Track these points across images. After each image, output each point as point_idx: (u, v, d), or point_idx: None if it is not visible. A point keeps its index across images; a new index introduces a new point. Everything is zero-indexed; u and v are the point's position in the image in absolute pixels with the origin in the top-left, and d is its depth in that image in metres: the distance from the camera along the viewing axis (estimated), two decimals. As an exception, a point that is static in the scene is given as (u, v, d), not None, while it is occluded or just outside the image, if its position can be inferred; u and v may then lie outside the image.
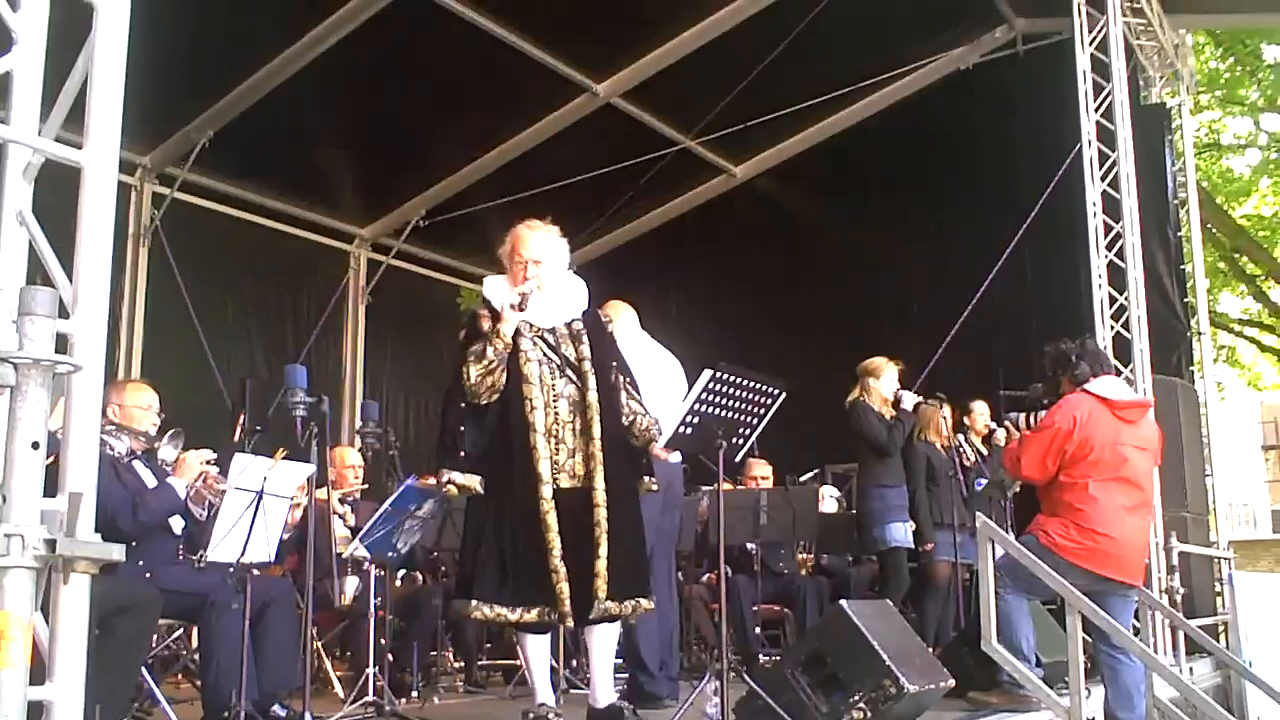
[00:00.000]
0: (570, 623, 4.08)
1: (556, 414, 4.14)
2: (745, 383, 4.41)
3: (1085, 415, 4.86)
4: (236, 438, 6.45)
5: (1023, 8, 9.44)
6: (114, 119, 2.21)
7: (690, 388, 4.47)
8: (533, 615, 4.00)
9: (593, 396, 4.16)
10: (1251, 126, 15.42)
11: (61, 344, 2.07)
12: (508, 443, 4.08)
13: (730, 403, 4.40)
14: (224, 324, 8.78)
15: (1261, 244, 14.32)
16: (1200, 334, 9.34)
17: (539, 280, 4.19)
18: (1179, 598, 7.00)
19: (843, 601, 4.26)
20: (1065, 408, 4.93)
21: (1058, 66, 8.54)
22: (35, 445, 1.99)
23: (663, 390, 4.80)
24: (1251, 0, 9.42)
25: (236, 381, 8.44)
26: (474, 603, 3.99)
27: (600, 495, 4.08)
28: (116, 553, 2.09)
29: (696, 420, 4.36)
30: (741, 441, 4.56)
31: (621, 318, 5.16)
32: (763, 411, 4.54)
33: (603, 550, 4.02)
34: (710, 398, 4.33)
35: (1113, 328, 7.58)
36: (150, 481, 4.43)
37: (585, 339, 4.26)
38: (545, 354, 4.19)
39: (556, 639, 5.34)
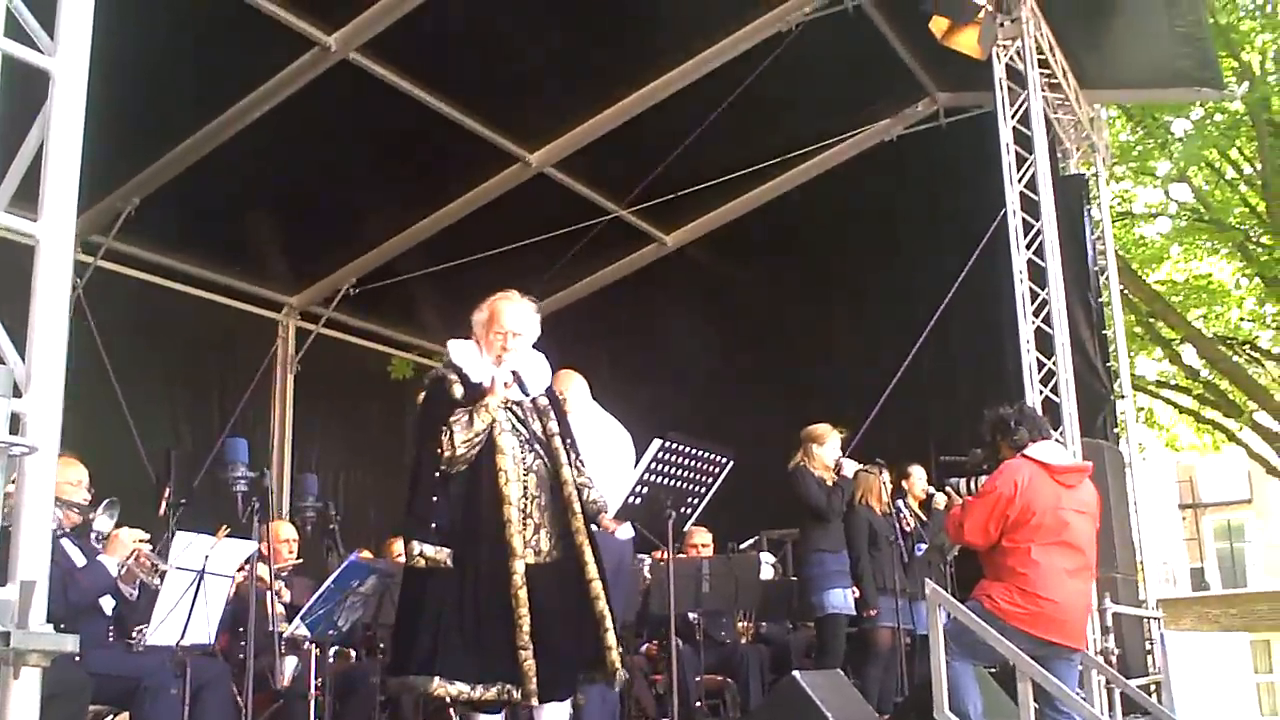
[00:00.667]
0: (535, 702, 3.99)
1: (525, 488, 4.09)
2: (694, 452, 4.40)
3: (1026, 480, 4.92)
4: (161, 511, 6.28)
5: (945, 83, 9.69)
6: (70, 190, 2.15)
7: (639, 458, 4.45)
8: (491, 694, 3.91)
9: (567, 473, 4.15)
10: (1162, 196, 15.99)
11: (14, 424, 1.98)
12: (476, 515, 4.02)
13: (679, 472, 4.39)
14: (148, 394, 8.53)
15: (1176, 309, 14.76)
16: (1123, 396, 9.55)
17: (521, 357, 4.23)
18: (1114, 658, 7.06)
19: (795, 673, 4.23)
20: (1006, 473, 4.99)
21: (980, 138, 8.76)
22: (-12, 530, 1.90)
23: (613, 461, 4.78)
24: (1161, 76, 9.75)
25: (160, 453, 8.23)
26: (436, 680, 3.88)
27: (592, 569, 4.05)
28: (70, 644, 2.00)
29: (645, 490, 4.34)
30: (690, 511, 4.54)
31: (573, 387, 5.15)
32: (711, 481, 4.54)
33: (609, 623, 3.98)
34: (659, 467, 4.32)
35: (1041, 392, 7.70)
36: (79, 560, 4.28)
37: (550, 414, 4.25)
38: (515, 426, 4.16)
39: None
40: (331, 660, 5.61)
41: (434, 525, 4.00)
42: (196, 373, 9.18)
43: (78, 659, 3.99)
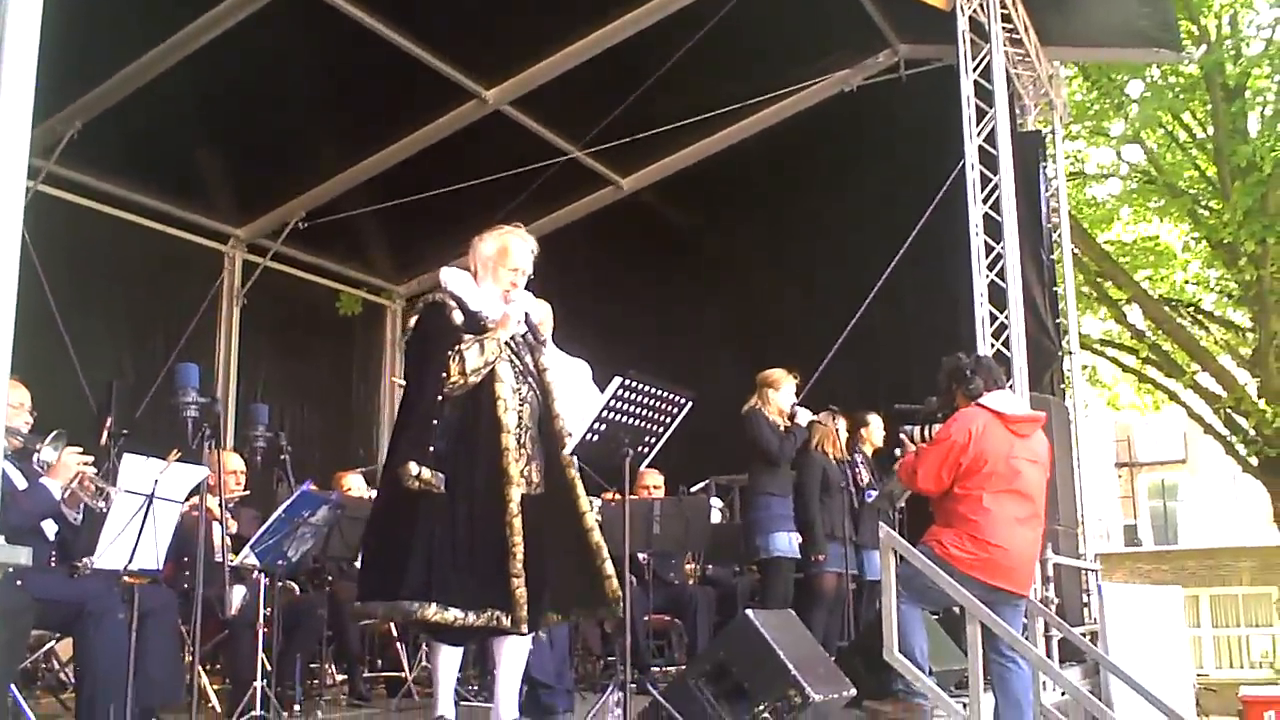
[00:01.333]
0: (524, 629, 3.98)
1: (520, 418, 4.11)
2: (654, 391, 4.37)
3: (980, 428, 4.95)
4: (102, 441, 6.16)
5: (906, 34, 9.64)
6: (28, 76, 2.03)
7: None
8: (481, 620, 3.89)
9: (558, 406, 4.14)
10: (1114, 157, 16.14)
11: None
12: (474, 441, 4.01)
13: (638, 410, 4.36)
14: (89, 324, 8.34)
15: (1124, 269, 14.95)
16: (1071, 353, 9.66)
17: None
18: (1053, 607, 7.18)
19: (748, 611, 4.25)
20: (960, 421, 5.02)
21: (938, 91, 8.77)
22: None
23: (577, 395, 4.75)
24: (1121, 36, 9.78)
25: (102, 384, 8.07)
26: (433, 606, 3.85)
27: (584, 502, 4.06)
28: (24, 556, 1.92)
29: (603, 428, 4.30)
30: (647, 450, 4.52)
31: (546, 321, 5.11)
32: (669, 420, 4.51)
33: (604, 552, 3.98)
34: (619, 404, 4.28)
35: (993, 345, 7.76)
36: (21, 483, 4.17)
37: (539, 348, 4.25)
38: (511, 358, 4.16)
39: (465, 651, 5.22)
40: (278, 592, 5.55)
41: (430, 449, 3.97)
42: (140, 303, 8.99)
43: (19, 584, 3.91)
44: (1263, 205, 13.24)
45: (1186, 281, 16.64)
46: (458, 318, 4.14)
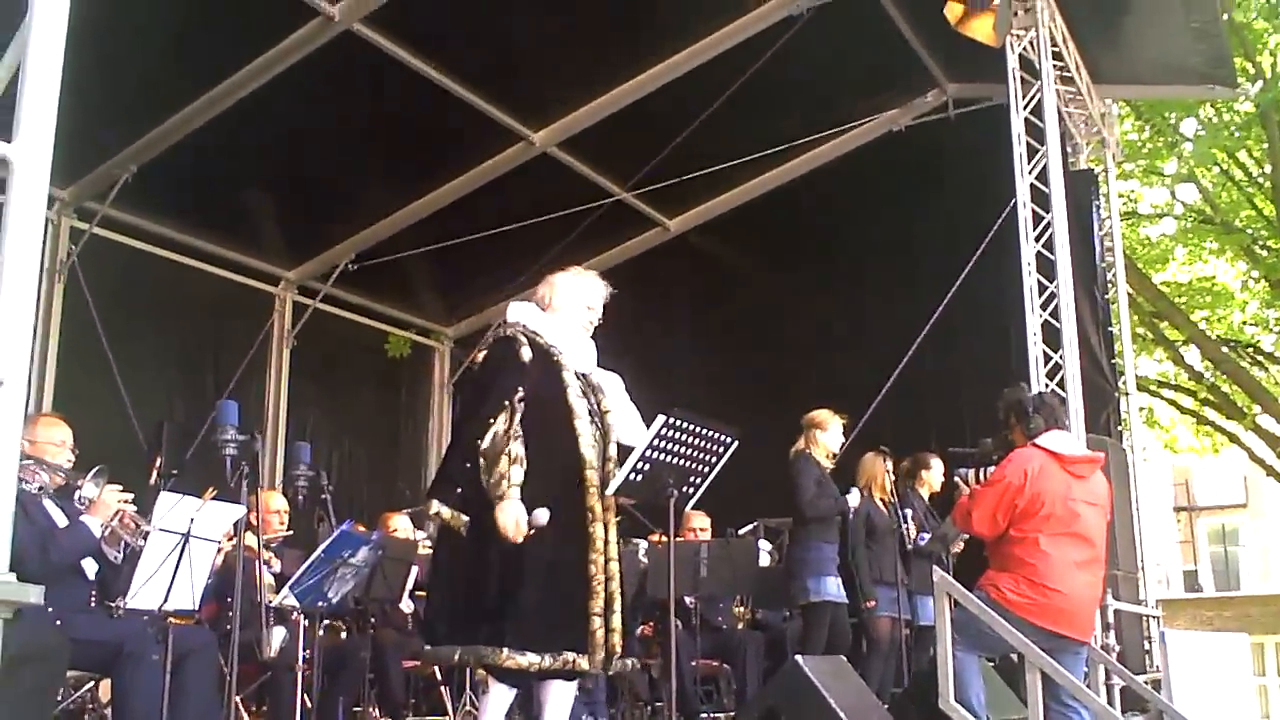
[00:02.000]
0: (601, 670, 3.90)
1: (596, 455, 4.04)
2: (699, 429, 4.28)
3: (1036, 469, 4.81)
4: (152, 481, 6.17)
5: (955, 74, 9.57)
6: (49, 110, 2.00)
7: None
8: (557, 663, 3.78)
9: (613, 450, 4.06)
10: (1168, 196, 15.92)
11: None
12: (552, 476, 3.89)
13: (682, 449, 4.27)
14: (141, 364, 8.41)
15: (1181, 309, 14.69)
16: (1127, 394, 9.46)
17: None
18: (1114, 655, 6.97)
19: (798, 658, 4.13)
20: (1016, 461, 4.88)
21: (987, 131, 8.68)
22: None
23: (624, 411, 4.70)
24: (1174, 73, 9.65)
25: (152, 424, 8.11)
26: (505, 651, 3.71)
27: (613, 549, 3.95)
28: (34, 595, 1.87)
29: (647, 467, 4.21)
30: (692, 491, 4.42)
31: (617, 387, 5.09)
32: (714, 460, 4.42)
33: (617, 604, 3.88)
34: (662, 444, 4.19)
35: (1047, 386, 7.60)
36: (61, 521, 4.16)
37: (602, 390, 4.18)
38: (583, 392, 4.09)
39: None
40: (321, 634, 5.50)
41: (459, 490, 3.87)
42: (191, 344, 9.06)
43: (59, 623, 3.90)
44: (1322, 243, 12.97)
45: (1245, 322, 16.32)
46: (526, 354, 4.06)
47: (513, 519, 3.77)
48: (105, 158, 7.87)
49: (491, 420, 3.90)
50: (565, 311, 4.25)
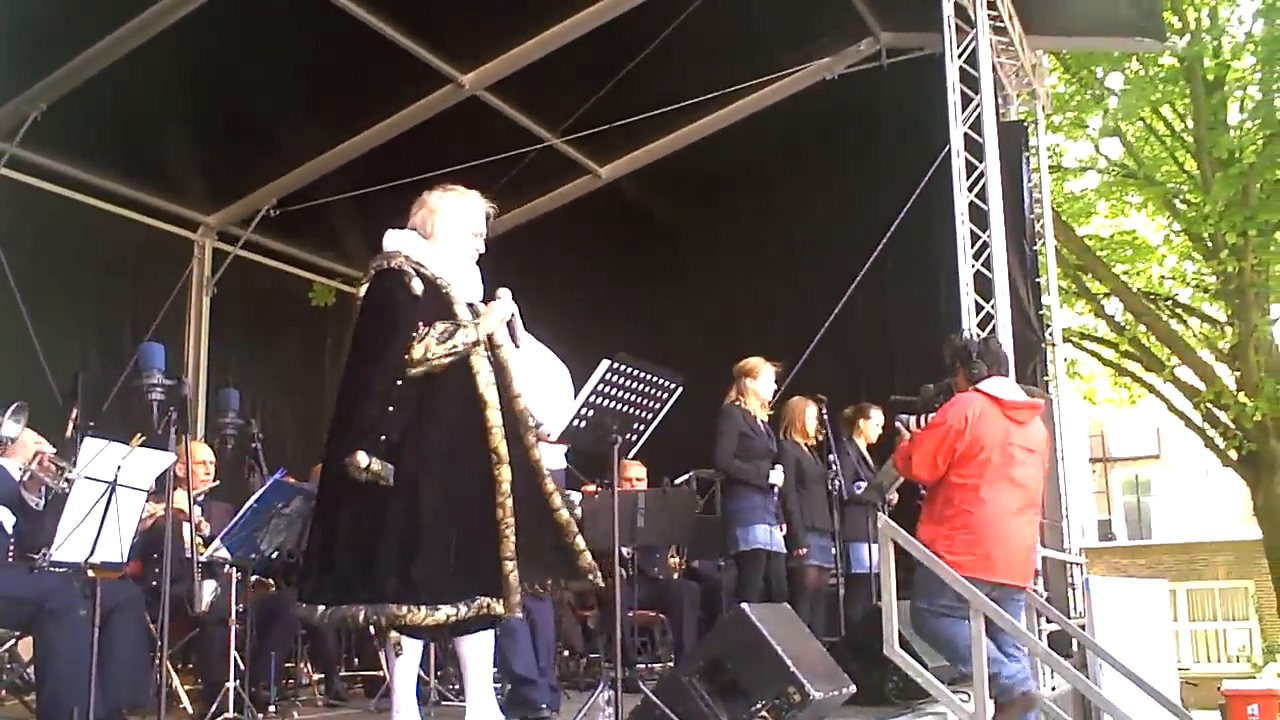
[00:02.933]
0: (517, 614, 3.78)
1: (497, 395, 3.89)
2: (643, 375, 4.21)
3: (977, 414, 4.82)
4: (68, 433, 5.94)
5: (888, 23, 9.53)
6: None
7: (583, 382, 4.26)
8: (473, 611, 3.65)
9: (518, 385, 3.93)
10: (1092, 150, 16.10)
11: None
12: (448, 422, 3.73)
13: (626, 395, 4.20)
14: (54, 313, 8.08)
15: (1104, 262, 14.91)
16: (1054, 345, 9.57)
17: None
18: (1044, 600, 7.08)
19: (744, 605, 4.09)
20: (957, 405, 4.89)
21: (920, 80, 8.67)
22: None
23: (551, 386, 4.59)
24: (1105, 24, 9.69)
25: (67, 374, 7.83)
26: (423, 609, 3.56)
27: (550, 483, 3.85)
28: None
29: (590, 414, 4.14)
30: (635, 438, 4.36)
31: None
32: (658, 406, 4.36)
33: (574, 527, 3.81)
34: (606, 389, 4.12)
35: (978, 335, 7.64)
36: (-23, 469, 3.98)
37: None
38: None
39: (426, 647, 5.02)
40: (252, 588, 5.35)
41: (383, 437, 3.66)
42: (107, 292, 8.72)
43: (-25, 579, 3.72)
44: (1244, 197, 13.19)
45: (1163, 276, 16.64)
46: (417, 286, 3.83)
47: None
48: (13, 94, 7.50)
49: (407, 353, 3.71)
50: (449, 239, 4.01)
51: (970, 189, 7.90)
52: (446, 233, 4.02)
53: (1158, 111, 14.63)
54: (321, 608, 3.70)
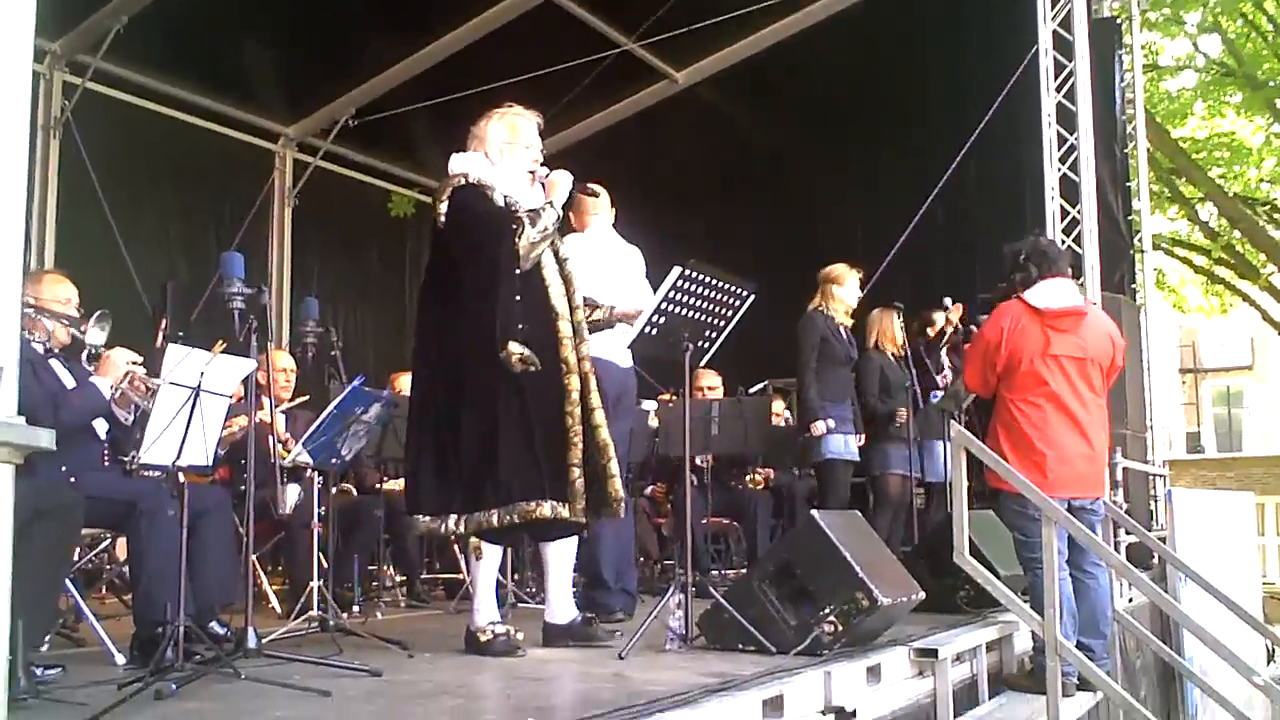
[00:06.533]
0: (584, 520, 3.90)
1: (567, 304, 3.96)
2: (714, 282, 4.19)
3: (1012, 325, 4.66)
4: (159, 343, 6.08)
5: (975, -82, 9.17)
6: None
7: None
8: (544, 513, 3.77)
9: (578, 296, 3.98)
10: (1190, 48, 15.47)
11: None
12: (529, 331, 3.82)
13: (697, 303, 4.19)
14: (141, 224, 8.26)
15: (1199, 166, 14.41)
16: (1143, 252, 9.32)
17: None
18: (1123, 512, 6.99)
19: (814, 512, 4.10)
20: (994, 318, 4.76)
21: (1008, -25, 8.36)
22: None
23: (634, 286, 4.60)
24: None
25: (156, 284, 8.00)
26: (549, 504, 3.74)
27: (595, 398, 3.91)
28: (45, 439, 1.80)
29: (662, 321, 4.14)
30: (708, 345, 4.36)
31: (598, 214, 4.99)
32: (730, 314, 4.35)
33: (611, 450, 3.85)
34: (678, 296, 4.11)
35: (1064, 241, 7.47)
36: (69, 382, 4.10)
37: (559, 239, 4.09)
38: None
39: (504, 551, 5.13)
40: (334, 493, 5.51)
41: (521, 327, 3.79)
42: (191, 203, 8.89)
43: (72, 480, 3.87)
44: (1350, 96, 12.62)
45: (1261, 179, 16.03)
46: (499, 199, 3.96)
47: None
48: (95, 7, 7.59)
49: (516, 243, 3.83)
50: (509, 159, 4.09)
51: (1058, 90, 7.67)
52: (502, 154, 4.07)
53: (1260, 6, 13.95)
54: (454, 517, 3.82)
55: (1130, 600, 6.64)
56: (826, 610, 3.88)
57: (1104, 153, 8.57)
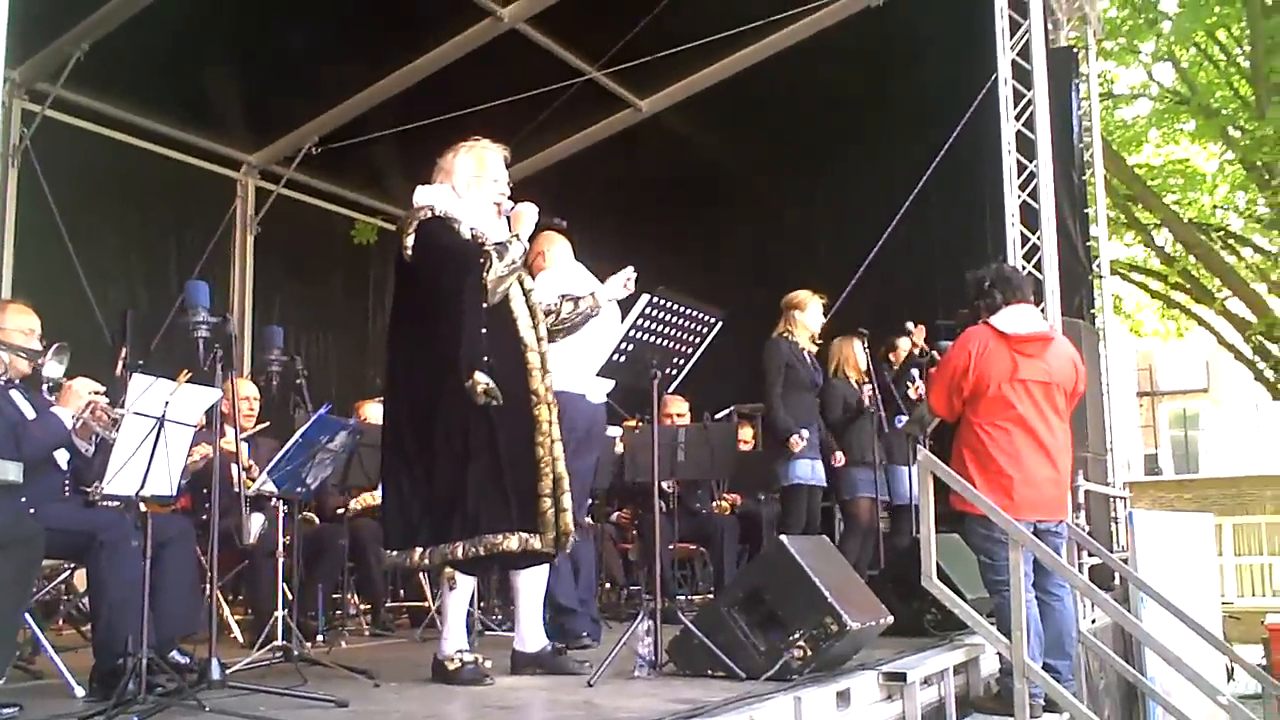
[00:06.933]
0: (554, 549, 3.86)
1: (534, 335, 3.95)
2: (682, 309, 4.21)
3: (979, 349, 4.70)
4: (118, 372, 6.02)
5: (935, -55, 9.30)
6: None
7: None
8: (517, 545, 3.74)
9: (543, 328, 3.98)
10: (1145, 76, 15.75)
11: None
12: (498, 362, 3.80)
13: (666, 330, 4.21)
14: (101, 253, 8.18)
15: (1154, 192, 14.64)
16: (1101, 277, 9.44)
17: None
18: (1085, 534, 7.06)
19: (782, 537, 4.11)
20: (960, 342, 4.81)
21: (968, 7, 8.48)
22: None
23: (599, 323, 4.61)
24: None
25: (116, 313, 7.94)
26: (518, 536, 3.72)
27: (556, 429, 3.89)
28: (13, 472, 1.77)
29: (630, 348, 4.15)
30: (675, 372, 4.37)
31: (556, 248, 4.98)
32: (699, 341, 4.36)
33: (565, 484, 3.84)
34: (646, 323, 4.12)
35: (1024, 267, 7.56)
36: (30, 413, 4.05)
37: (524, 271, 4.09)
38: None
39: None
40: (298, 521, 5.46)
41: (486, 359, 3.77)
42: (152, 231, 8.81)
43: (32, 512, 3.81)
44: (1301, 123, 12.85)
45: (1215, 205, 16.32)
46: (465, 231, 3.95)
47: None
48: (56, 35, 7.53)
49: (484, 276, 3.81)
50: (476, 191, 4.09)
51: (1018, 118, 7.79)
52: (469, 187, 4.07)
53: (1213, 35, 14.24)
54: (419, 549, 3.79)
55: (1094, 621, 6.69)
56: (796, 635, 3.88)
57: (1063, 179, 8.70)
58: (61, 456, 4.10)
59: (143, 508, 3.66)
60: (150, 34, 7.49)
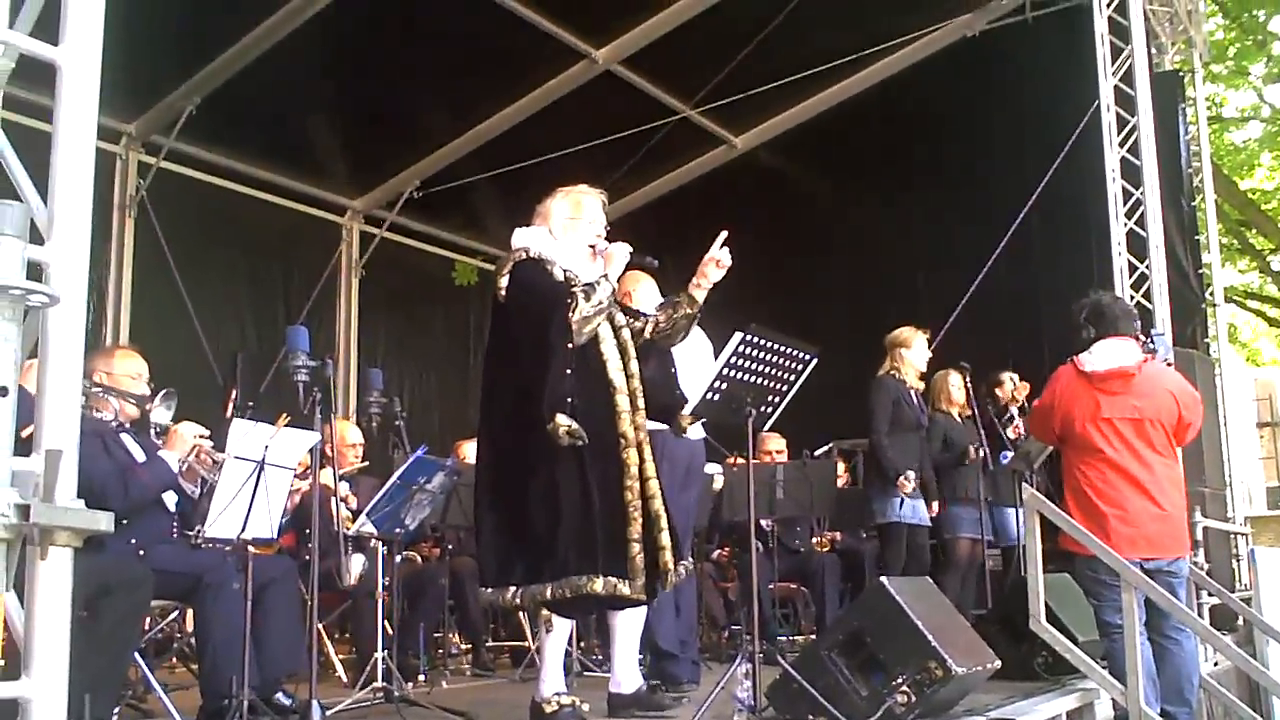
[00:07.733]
0: (644, 597, 3.81)
1: (624, 378, 3.94)
2: (776, 346, 4.16)
3: (1062, 390, 4.60)
4: (228, 414, 6.18)
5: (1032, -27, 9.18)
6: (96, 9, 1.90)
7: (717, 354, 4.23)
8: (605, 589, 3.69)
9: (634, 366, 3.95)
10: (1255, 99, 15.28)
11: (35, 274, 1.75)
12: (586, 405, 3.78)
13: (759, 368, 4.16)
14: (213, 297, 8.47)
15: (1269, 216, 14.17)
16: (1215, 305, 9.13)
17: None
18: (1204, 573, 6.79)
19: (883, 579, 4.01)
20: (1049, 383, 4.71)
21: (1067, 34, 8.36)
22: (3, 391, 1.67)
23: (692, 362, 4.58)
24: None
25: (227, 356, 8.18)
26: (602, 579, 3.66)
27: (651, 467, 3.86)
28: (105, 522, 1.80)
29: (724, 386, 4.11)
30: (770, 410, 4.31)
31: (641, 288, 4.98)
32: (793, 378, 4.30)
33: (664, 522, 3.80)
34: (739, 362, 4.09)
35: (1133, 297, 7.36)
36: (139, 456, 4.16)
37: (618, 310, 4.08)
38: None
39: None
40: (399, 561, 5.52)
41: (570, 400, 3.74)
42: (261, 275, 9.11)
43: (141, 554, 3.91)
44: None
45: (1334, 230, 15.70)
46: (559, 273, 3.96)
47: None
48: (169, 90, 7.84)
49: (569, 316, 3.78)
50: (571, 234, 4.09)
51: (1122, 145, 7.62)
52: (565, 229, 4.09)
53: (1327, 55, 13.80)
54: (513, 589, 3.79)
55: (1215, 664, 6.42)
56: (899, 680, 3.78)
57: (1171, 206, 8.47)
58: (169, 499, 4.20)
59: (246, 549, 3.72)
60: (257, 87, 7.75)
